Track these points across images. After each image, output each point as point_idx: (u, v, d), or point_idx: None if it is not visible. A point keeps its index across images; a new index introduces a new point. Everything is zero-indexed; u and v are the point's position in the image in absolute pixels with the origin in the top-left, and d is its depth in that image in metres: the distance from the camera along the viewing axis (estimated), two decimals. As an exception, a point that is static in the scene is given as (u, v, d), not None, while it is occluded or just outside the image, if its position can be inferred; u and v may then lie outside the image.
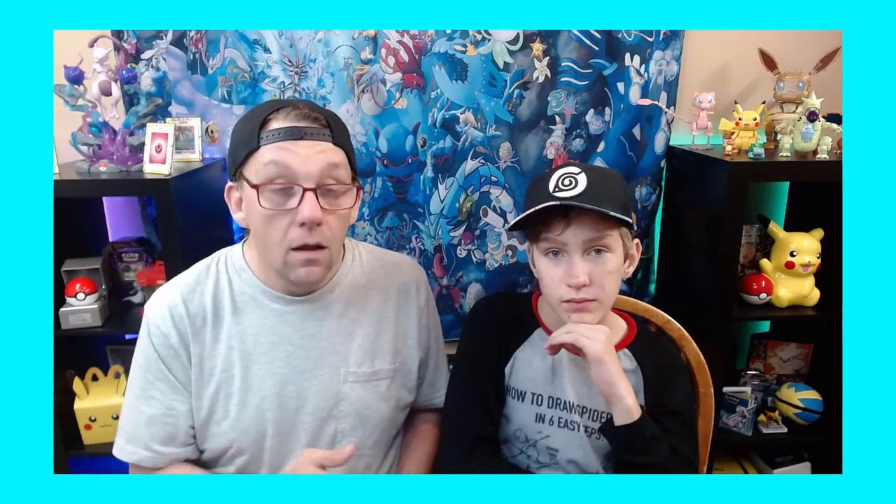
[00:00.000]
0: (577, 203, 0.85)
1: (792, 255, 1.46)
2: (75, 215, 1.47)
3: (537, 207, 0.87)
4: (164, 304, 0.93)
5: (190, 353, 0.92)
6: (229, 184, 0.92)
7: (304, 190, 0.84)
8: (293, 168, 0.83)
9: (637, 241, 0.95)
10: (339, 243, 0.93)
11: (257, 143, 0.84)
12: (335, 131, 0.88)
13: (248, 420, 0.93)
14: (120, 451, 0.95)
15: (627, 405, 0.86)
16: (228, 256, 0.98)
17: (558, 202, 0.85)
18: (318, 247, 0.87)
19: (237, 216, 0.92)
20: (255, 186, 0.84)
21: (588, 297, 0.89)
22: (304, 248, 0.86)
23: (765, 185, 1.72)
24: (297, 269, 0.87)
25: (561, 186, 0.88)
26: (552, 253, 0.90)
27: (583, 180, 0.87)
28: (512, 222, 0.91)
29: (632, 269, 0.95)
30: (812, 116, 1.36)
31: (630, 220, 0.87)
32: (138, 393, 0.94)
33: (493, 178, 1.62)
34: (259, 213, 0.85)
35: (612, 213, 0.84)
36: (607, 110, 1.61)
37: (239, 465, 0.96)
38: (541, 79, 1.56)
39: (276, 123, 0.85)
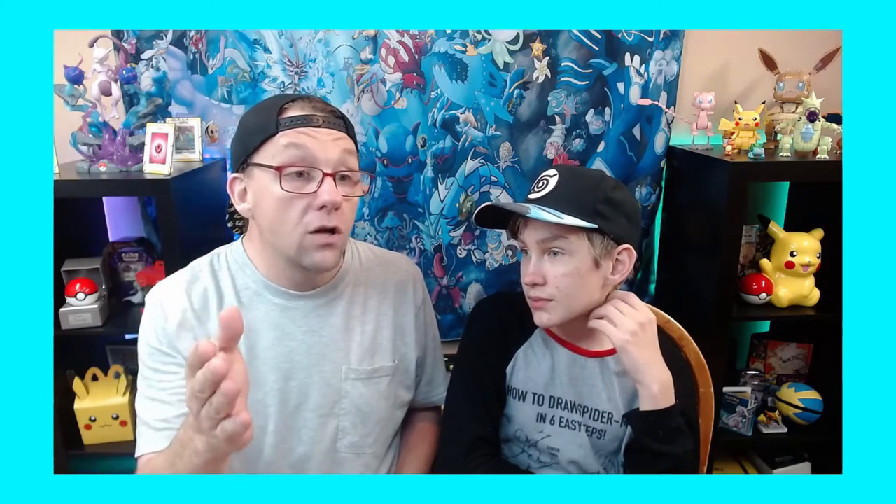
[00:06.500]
0: (496, 204, 0.91)
1: (792, 255, 1.46)
2: (75, 215, 1.46)
3: (476, 210, 0.94)
4: (171, 291, 0.92)
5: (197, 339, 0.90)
6: (233, 175, 0.91)
7: (324, 175, 0.85)
8: (313, 151, 0.85)
9: (626, 246, 0.91)
10: (349, 230, 0.94)
11: (276, 128, 0.85)
12: (346, 122, 0.91)
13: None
14: (147, 445, 0.88)
15: (653, 392, 0.87)
16: (229, 253, 0.97)
17: (488, 203, 0.92)
18: (334, 231, 0.87)
19: (241, 207, 0.91)
20: (278, 168, 0.84)
21: (542, 297, 0.91)
22: (321, 230, 0.86)
23: (765, 185, 1.72)
24: (314, 252, 0.87)
25: (535, 189, 0.93)
26: (523, 252, 0.95)
27: (552, 183, 0.91)
28: (473, 217, 0.96)
29: (619, 276, 0.93)
30: (812, 116, 1.36)
31: (585, 224, 0.86)
32: (149, 377, 0.90)
33: (493, 178, 1.62)
34: (275, 197, 0.85)
35: (531, 215, 0.86)
36: (607, 110, 1.61)
37: (236, 461, 0.93)
38: (541, 79, 1.56)
39: (294, 111, 0.87)
